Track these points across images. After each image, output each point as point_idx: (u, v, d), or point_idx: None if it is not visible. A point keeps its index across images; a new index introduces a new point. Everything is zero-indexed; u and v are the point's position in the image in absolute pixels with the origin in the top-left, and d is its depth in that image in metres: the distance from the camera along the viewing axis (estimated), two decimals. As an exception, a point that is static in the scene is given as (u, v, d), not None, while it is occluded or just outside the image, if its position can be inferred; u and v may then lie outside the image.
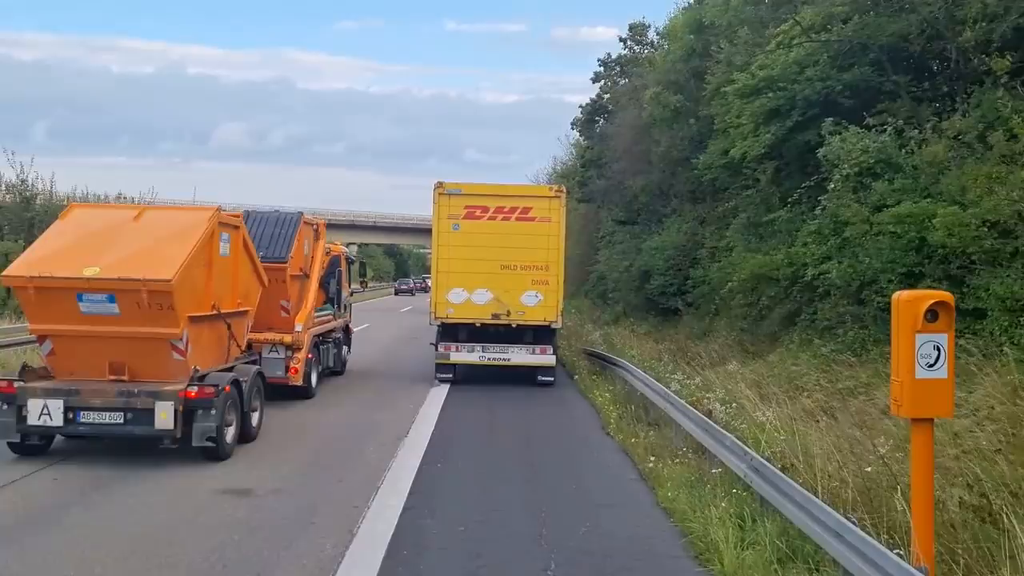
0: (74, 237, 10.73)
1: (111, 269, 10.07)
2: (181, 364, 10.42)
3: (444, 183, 17.68)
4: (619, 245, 35.89)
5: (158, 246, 10.47)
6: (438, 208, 17.58)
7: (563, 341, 25.16)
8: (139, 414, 9.95)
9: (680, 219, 29.46)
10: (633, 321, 30.85)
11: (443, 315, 17.69)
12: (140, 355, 10.43)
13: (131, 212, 12.16)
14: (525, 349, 17.81)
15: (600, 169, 38.67)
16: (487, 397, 16.71)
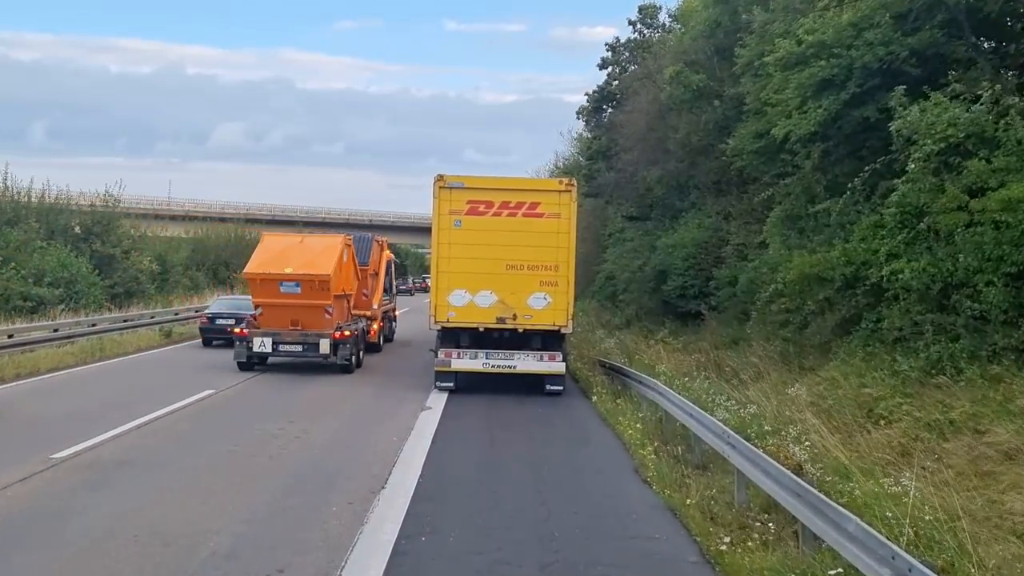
0: (271, 252, 20.18)
1: (298, 269, 19.31)
2: (329, 320, 19.53)
3: (445, 176, 16.55)
4: (629, 243, 33.16)
5: (317, 256, 19.90)
6: (438, 203, 16.44)
7: (573, 350, 22.47)
8: (310, 346, 19.28)
9: (701, 213, 26.69)
10: (647, 326, 28.12)
11: (444, 319, 16.58)
12: (308, 315, 19.46)
13: (297, 238, 22.49)
14: (532, 356, 16.60)
15: (609, 161, 35.85)
16: (488, 420, 14.02)
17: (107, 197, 29.29)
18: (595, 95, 37.96)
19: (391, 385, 18.16)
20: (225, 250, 47.95)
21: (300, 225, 76.71)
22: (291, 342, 19.37)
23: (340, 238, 21.24)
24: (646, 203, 33.49)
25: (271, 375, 19.43)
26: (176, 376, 18.83)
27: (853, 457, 9.58)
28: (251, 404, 15.46)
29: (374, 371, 20.65)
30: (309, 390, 17.26)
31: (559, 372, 16.67)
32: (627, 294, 32.07)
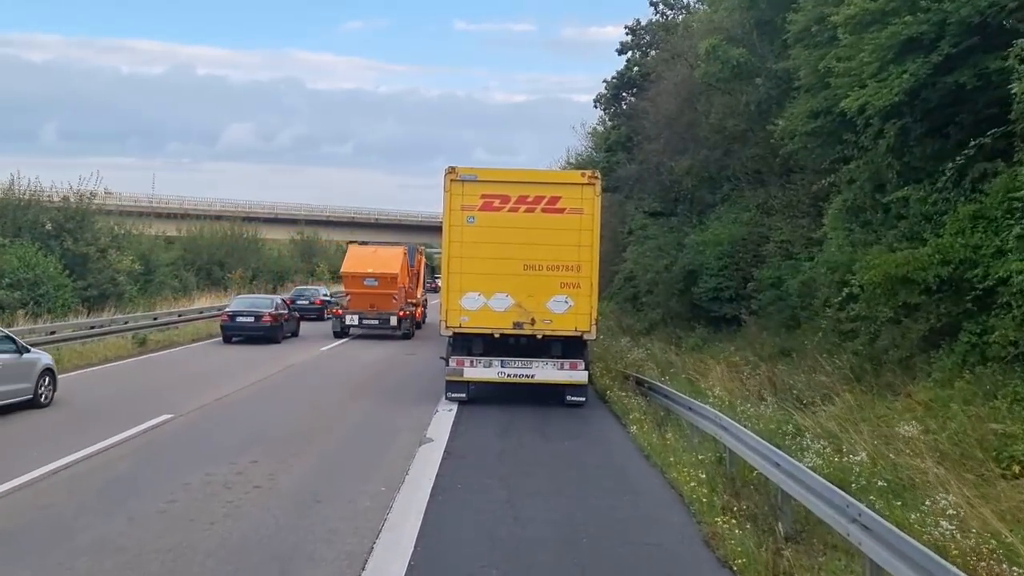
0: (357, 258, 31.16)
1: (376, 269, 29.70)
2: (395, 304, 29.26)
3: (457, 168, 15.39)
4: (652, 241, 30.43)
5: (387, 261, 30.54)
6: (450, 198, 15.25)
7: (598, 363, 19.77)
8: (383, 321, 29.30)
9: (736, 207, 23.96)
10: (675, 332, 25.41)
11: (456, 324, 15.33)
12: (382, 300, 29.22)
13: (371, 248, 32.66)
14: (552, 364, 15.34)
15: (629, 152, 33.16)
16: (502, 459, 11.24)
17: (81, 192, 26.59)
18: (613, 82, 35.25)
19: (390, 404, 15.71)
20: (220, 249, 45.39)
21: (303, 223, 74.40)
22: (371, 318, 29.58)
23: (400, 248, 32.46)
24: (670, 197, 30.78)
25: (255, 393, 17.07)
26: (134, 393, 16.19)
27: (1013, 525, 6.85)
28: (219, 431, 12.77)
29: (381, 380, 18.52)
30: (291, 413, 14.64)
31: (581, 382, 15.43)
32: (651, 296, 29.36)
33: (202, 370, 20.03)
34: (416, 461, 10.64)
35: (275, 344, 26.18)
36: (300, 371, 20.74)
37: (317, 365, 22.26)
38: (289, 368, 21.00)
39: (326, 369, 21.28)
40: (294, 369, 20.94)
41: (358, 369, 21.37)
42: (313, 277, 62.99)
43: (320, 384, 18.52)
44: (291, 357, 22.98)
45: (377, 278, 29.19)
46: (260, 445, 11.52)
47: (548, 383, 15.36)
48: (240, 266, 44.51)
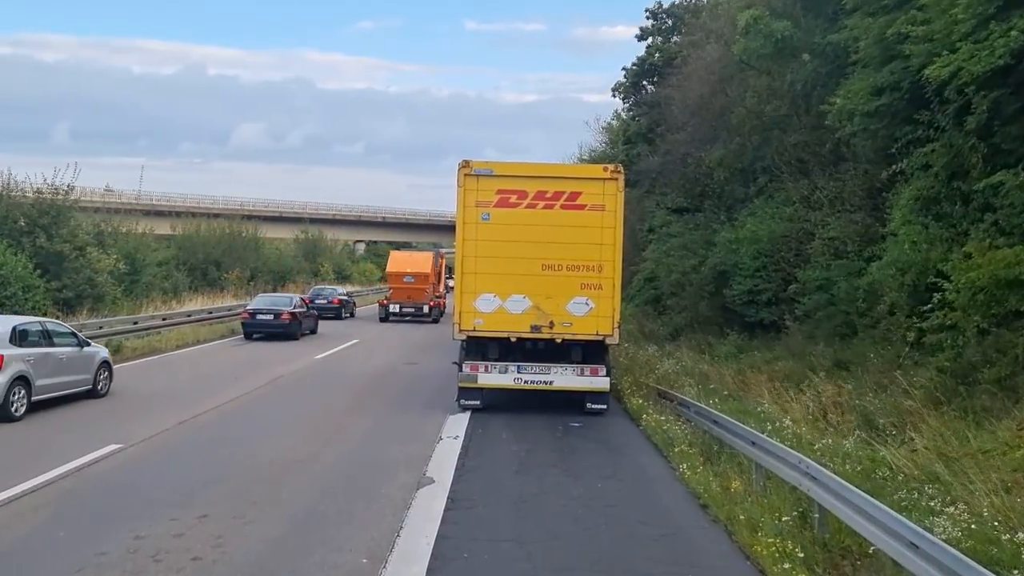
0: (398, 261, 40.38)
1: (413, 269, 38.82)
2: (426, 296, 38.61)
3: (471, 162, 14.62)
4: (675, 239, 28.17)
5: (421, 263, 39.86)
6: (464, 193, 14.49)
7: (626, 375, 17.54)
8: (418, 309, 38.27)
9: (774, 201, 21.63)
10: (705, 339, 23.12)
11: (469, 327, 14.54)
12: (417, 293, 38.37)
13: (408, 253, 47.51)
14: (572, 369, 14.59)
15: (651, 144, 30.87)
16: (519, 509, 8.92)
17: (55, 186, 24.28)
18: (633, 69, 32.97)
19: (387, 425, 13.53)
20: (216, 248, 43.14)
21: (307, 222, 72.24)
22: (409, 306, 38.15)
23: (429, 253, 42.96)
24: (696, 192, 28.47)
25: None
26: (78, 420, 13.78)
27: None
28: (174, 465, 10.45)
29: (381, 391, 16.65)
30: (267, 438, 12.35)
31: (603, 389, 14.63)
32: (675, 299, 27.08)
33: (175, 384, 17.80)
34: (412, 514, 8.35)
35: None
36: (291, 381, 18.55)
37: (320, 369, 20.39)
38: (277, 380, 18.79)
39: (326, 375, 19.23)
40: (282, 381, 18.71)
41: (358, 377, 19.22)
42: (317, 278, 60.85)
43: (313, 396, 16.37)
44: (291, 362, 20.85)
45: (414, 276, 38.44)
46: (218, 488, 9.26)
47: (567, 390, 14.63)
48: (238, 266, 42.34)
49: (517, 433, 12.70)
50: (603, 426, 13.73)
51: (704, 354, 21.50)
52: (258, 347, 25.21)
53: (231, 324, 29.41)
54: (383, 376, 19.71)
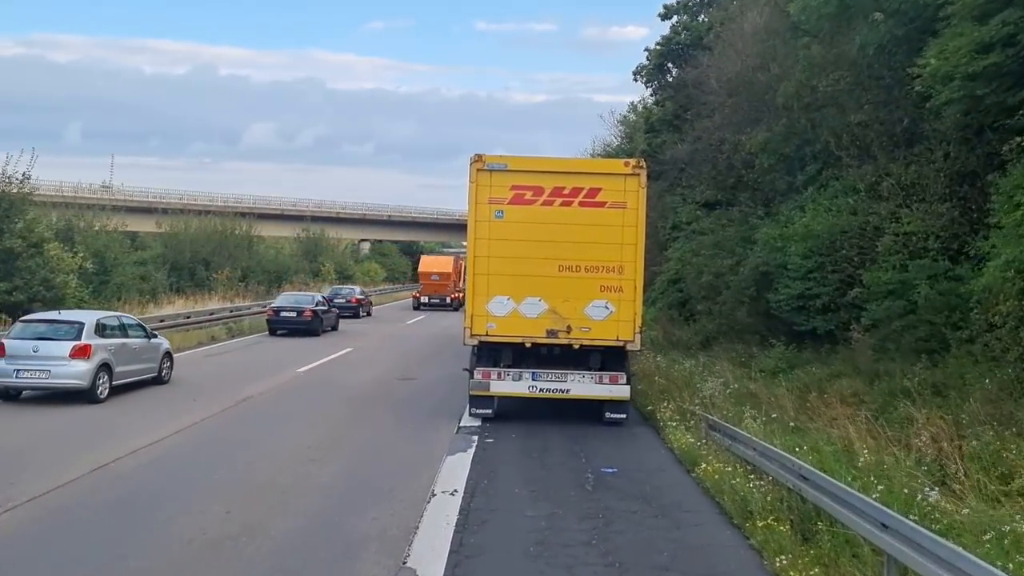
0: (427, 264, 53.41)
1: (438, 269, 51.78)
2: (449, 290, 49.69)
3: (484, 156, 14.03)
4: (706, 236, 25.22)
5: (445, 265, 52.53)
6: (476, 189, 13.90)
7: (662, 397, 14.61)
8: (442, 300, 49.10)
9: (830, 191, 18.66)
10: (746, 348, 20.19)
11: (482, 332, 13.99)
12: (441, 288, 50.10)
13: (435, 257, 60.59)
14: (590, 377, 14.02)
15: (678, 132, 27.89)
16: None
17: (7, 176, 21.19)
18: (657, 50, 29.99)
19: (365, 478, 10.63)
20: (205, 246, 40.26)
21: (309, 220, 69.43)
22: (435, 298, 48.40)
23: (452, 257, 53.85)
24: (728, 184, 25.53)
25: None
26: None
27: None
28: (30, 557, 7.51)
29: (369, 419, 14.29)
30: (202, 494, 9.38)
31: (623, 398, 14.07)
32: (707, 303, 24.07)
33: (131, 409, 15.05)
34: None
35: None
36: (256, 406, 15.69)
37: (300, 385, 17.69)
38: (243, 403, 15.92)
39: (303, 395, 16.42)
40: (247, 406, 15.83)
41: (339, 400, 16.35)
42: (318, 278, 58.07)
43: (273, 430, 13.46)
44: (264, 378, 18.03)
45: (439, 275, 49.92)
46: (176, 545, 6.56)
47: (586, 399, 14.06)
48: (228, 265, 39.49)
49: (534, 485, 9.73)
50: (644, 473, 10.78)
51: (746, 368, 18.59)
52: (225, 360, 22.37)
53: (211, 330, 26.61)
54: (369, 399, 16.84)
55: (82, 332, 15.37)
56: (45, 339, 15.31)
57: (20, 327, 15.97)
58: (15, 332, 15.76)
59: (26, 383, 15.17)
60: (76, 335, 15.33)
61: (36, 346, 15.10)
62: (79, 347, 15.09)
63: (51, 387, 15.12)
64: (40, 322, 16.13)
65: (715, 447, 11.14)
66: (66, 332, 15.48)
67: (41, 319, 16.47)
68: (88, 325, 15.56)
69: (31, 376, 15.04)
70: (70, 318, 16.26)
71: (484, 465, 10.65)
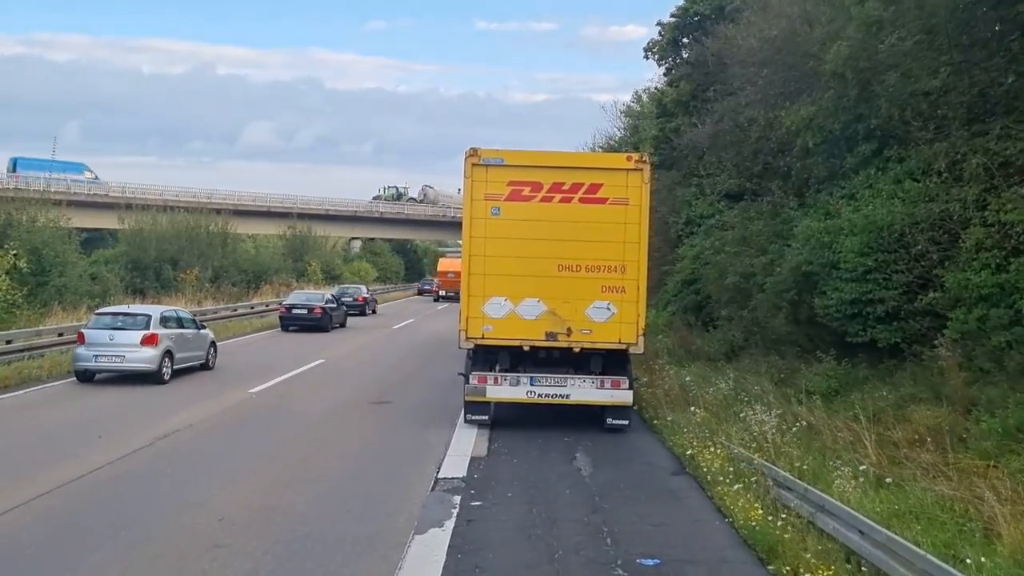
0: (445, 264, 59.92)
1: (454, 269, 45.63)
2: None
3: (480, 150, 13.39)
4: (729, 231, 22.07)
5: (459, 264, 21.12)
6: (471, 185, 13.33)
7: (699, 437, 11.46)
8: (458, 294, 17.07)
9: (891, 175, 15.51)
10: (785, 363, 17.12)
11: (477, 335, 13.40)
12: (456, 284, 27.26)
13: (452, 258, 58.41)
14: (591, 382, 13.41)
15: (694, 115, 24.72)
16: None
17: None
18: (672, 23, 26.80)
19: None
20: (173, 245, 36.94)
21: (295, 217, 66.11)
22: (451, 292, 47.09)
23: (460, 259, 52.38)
24: (755, 171, 22.36)
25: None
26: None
27: None
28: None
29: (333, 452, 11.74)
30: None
31: (625, 403, 13.64)
32: (732, 308, 20.90)
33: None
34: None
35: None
36: (175, 446, 12.48)
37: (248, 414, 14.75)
38: (165, 440, 12.72)
39: (247, 429, 13.30)
40: (167, 444, 12.62)
41: (285, 438, 13.15)
42: (304, 278, 54.87)
43: (200, 480, 10.26)
44: (197, 404, 14.94)
45: (454, 273, 44.69)
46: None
47: (586, 404, 13.71)
48: (199, 264, 36.20)
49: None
50: (701, 567, 7.51)
51: (788, 387, 15.53)
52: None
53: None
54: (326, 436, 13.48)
55: (150, 323, 17.50)
56: (118, 329, 17.37)
57: (95, 319, 18.11)
58: (92, 323, 17.86)
59: (103, 367, 17.34)
60: (145, 325, 17.45)
61: (111, 335, 17.21)
62: (148, 336, 17.26)
63: (125, 370, 17.32)
64: (113, 314, 18.31)
65: (792, 518, 7.93)
66: (136, 323, 17.56)
67: (114, 312, 18.72)
68: (154, 317, 17.82)
69: (107, 361, 17.22)
70: (139, 311, 18.65)
71: (466, 556, 7.39)
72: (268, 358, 22.48)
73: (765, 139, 20.98)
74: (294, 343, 27.08)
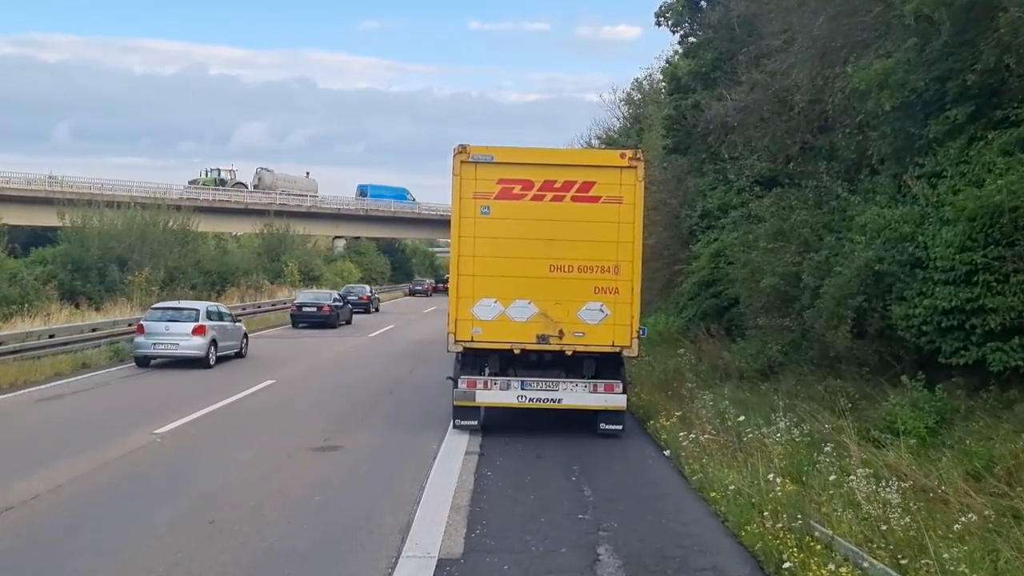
0: None
1: None
2: None
3: (469, 147, 13.06)
4: (764, 223, 18.37)
5: None
6: (460, 183, 12.99)
7: (778, 529, 7.66)
8: None
9: (991, 148, 11.83)
10: (843, 387, 13.47)
11: (466, 337, 13.07)
12: None
13: None
14: (583, 386, 13.15)
15: (720, 87, 21.01)
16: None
17: None
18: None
19: None
20: (121, 243, 32.98)
21: (272, 215, 62.35)
22: None
23: None
24: (792, 151, 18.65)
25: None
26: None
27: None
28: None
29: None
30: None
31: (619, 407, 13.22)
32: (770, 316, 17.12)
33: None
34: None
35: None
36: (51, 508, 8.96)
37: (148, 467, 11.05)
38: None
39: (150, 487, 9.74)
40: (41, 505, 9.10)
41: (211, 482, 9.47)
42: (280, 279, 51.10)
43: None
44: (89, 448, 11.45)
45: None
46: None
47: (579, 408, 13.23)
48: (150, 264, 32.32)
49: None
50: None
51: (857, 419, 11.94)
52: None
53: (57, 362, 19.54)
54: (231, 515, 9.29)
55: (199, 315, 20.50)
56: (172, 321, 20.18)
57: (151, 312, 21.18)
58: (149, 316, 20.87)
59: (160, 353, 20.12)
60: (195, 318, 20.37)
61: (167, 326, 20.04)
62: (198, 326, 20.20)
63: (178, 356, 20.09)
64: (167, 309, 21.30)
65: None
66: (187, 315, 20.46)
67: (168, 306, 21.69)
68: (203, 311, 20.78)
69: (164, 348, 20.02)
70: (190, 306, 21.51)
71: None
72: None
73: (808, 112, 17.33)
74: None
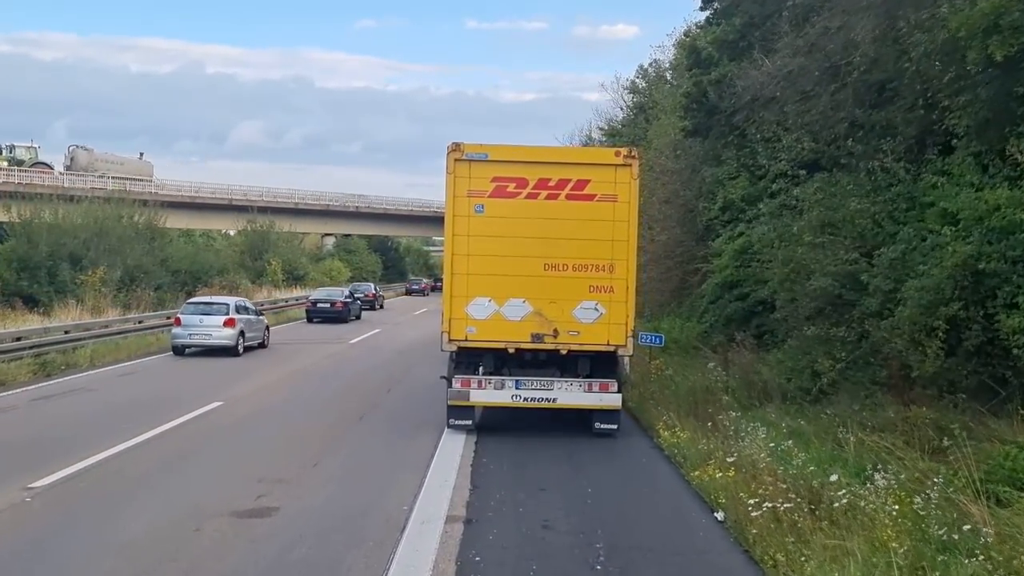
0: None
1: None
2: None
3: (463, 144, 13.08)
4: (809, 213, 15.48)
5: None
6: (454, 181, 13.00)
7: None
8: None
9: None
10: (944, 417, 10.53)
11: (460, 337, 13.12)
12: None
13: None
14: (578, 385, 13.23)
15: (743, 60, 18.07)
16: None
17: None
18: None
19: None
20: (74, 240, 29.90)
21: (255, 211, 59.37)
22: None
23: None
24: (837, 132, 15.71)
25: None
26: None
27: None
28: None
29: None
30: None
31: (614, 407, 13.24)
32: (824, 326, 14.13)
33: None
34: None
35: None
36: None
37: None
38: None
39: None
40: None
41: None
42: (262, 279, 48.12)
43: None
44: None
45: None
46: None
47: (574, 408, 13.33)
48: (106, 263, 29.26)
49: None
50: None
51: (950, 462, 9.02)
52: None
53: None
54: None
55: (229, 309, 24.17)
56: (206, 314, 23.81)
57: (186, 307, 25.05)
58: (185, 310, 24.68)
59: (195, 342, 23.70)
60: (226, 311, 24.01)
61: (201, 319, 23.66)
62: (228, 319, 23.79)
63: (211, 345, 23.61)
64: (201, 303, 25.03)
65: None
66: (218, 309, 24.14)
67: (201, 301, 25.43)
68: (232, 305, 24.55)
69: (199, 338, 23.61)
70: (220, 300, 25.22)
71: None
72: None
73: (858, 84, 14.45)
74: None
